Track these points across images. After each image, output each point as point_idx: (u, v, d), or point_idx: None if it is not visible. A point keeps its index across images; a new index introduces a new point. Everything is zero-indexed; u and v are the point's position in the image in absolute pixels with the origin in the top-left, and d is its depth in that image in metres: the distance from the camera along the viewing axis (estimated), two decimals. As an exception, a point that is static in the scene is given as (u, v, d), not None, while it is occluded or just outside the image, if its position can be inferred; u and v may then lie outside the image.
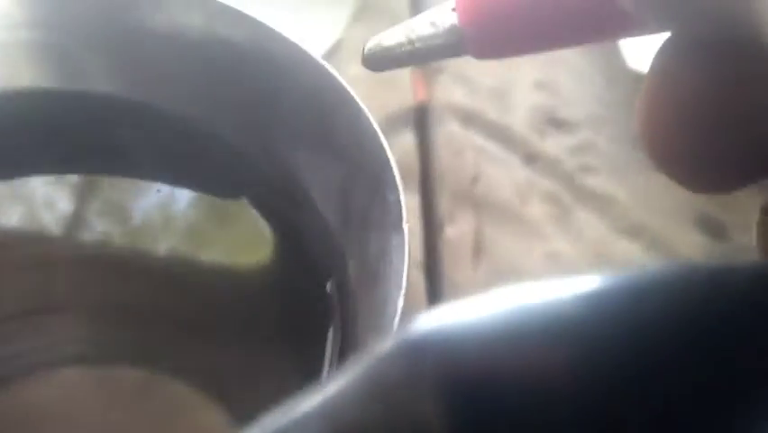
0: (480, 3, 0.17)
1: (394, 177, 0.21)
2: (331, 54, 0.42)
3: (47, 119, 0.26)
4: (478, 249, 0.35)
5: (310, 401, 0.08)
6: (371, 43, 0.20)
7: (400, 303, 0.19)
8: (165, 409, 0.29)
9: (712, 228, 0.37)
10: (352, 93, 0.22)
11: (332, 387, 0.08)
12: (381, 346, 0.08)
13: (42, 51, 0.25)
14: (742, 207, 0.35)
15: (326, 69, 0.23)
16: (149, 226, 0.28)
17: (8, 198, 0.27)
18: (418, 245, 0.35)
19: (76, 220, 0.28)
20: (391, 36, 0.20)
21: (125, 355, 0.29)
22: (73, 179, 0.28)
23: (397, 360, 0.08)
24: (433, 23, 0.19)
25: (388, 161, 0.21)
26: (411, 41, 0.19)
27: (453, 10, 0.18)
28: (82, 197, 0.28)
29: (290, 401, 0.08)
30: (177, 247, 0.28)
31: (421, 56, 0.19)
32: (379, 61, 0.20)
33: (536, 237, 0.35)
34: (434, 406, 0.08)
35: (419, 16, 0.19)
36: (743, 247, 0.35)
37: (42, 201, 0.28)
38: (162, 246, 0.28)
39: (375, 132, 0.22)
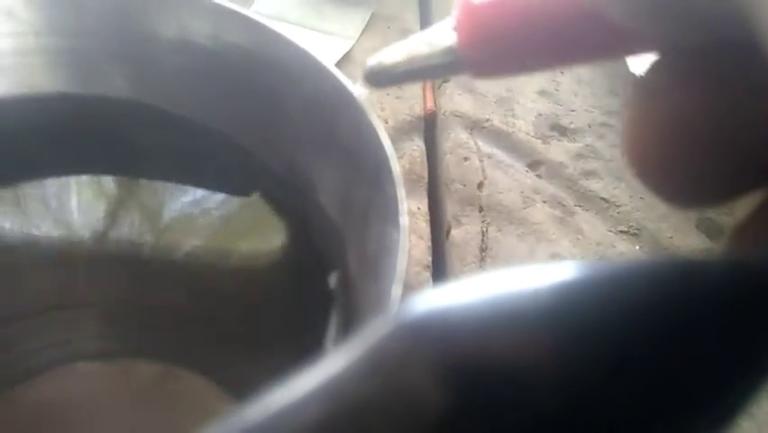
0: (479, 23, 0.17)
1: (392, 171, 0.21)
2: (341, 64, 0.43)
3: (65, 122, 0.27)
4: (483, 251, 0.36)
5: (311, 378, 0.08)
6: (372, 62, 0.20)
7: (399, 295, 0.19)
8: (179, 398, 0.29)
9: (710, 230, 0.37)
10: (354, 92, 0.23)
11: (332, 365, 0.08)
12: (380, 326, 0.09)
13: (61, 57, 0.26)
14: (740, 208, 0.35)
15: (329, 71, 0.23)
16: (166, 227, 0.29)
17: (30, 199, 0.28)
18: (426, 247, 0.36)
19: (96, 221, 0.29)
20: (391, 55, 0.20)
21: (142, 350, 0.30)
22: (92, 181, 0.28)
23: (396, 339, 0.08)
24: (431, 43, 0.19)
25: (386, 156, 0.22)
26: (410, 61, 0.20)
27: (454, 29, 0.18)
28: (105, 199, 0.29)
29: (291, 378, 0.09)
30: (191, 247, 0.29)
31: (419, 75, 0.20)
32: (379, 79, 0.20)
33: (540, 239, 0.36)
34: (433, 384, 0.08)
35: (418, 35, 0.20)
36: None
37: (64, 202, 0.28)
38: (177, 246, 0.29)
39: (374, 128, 0.22)
